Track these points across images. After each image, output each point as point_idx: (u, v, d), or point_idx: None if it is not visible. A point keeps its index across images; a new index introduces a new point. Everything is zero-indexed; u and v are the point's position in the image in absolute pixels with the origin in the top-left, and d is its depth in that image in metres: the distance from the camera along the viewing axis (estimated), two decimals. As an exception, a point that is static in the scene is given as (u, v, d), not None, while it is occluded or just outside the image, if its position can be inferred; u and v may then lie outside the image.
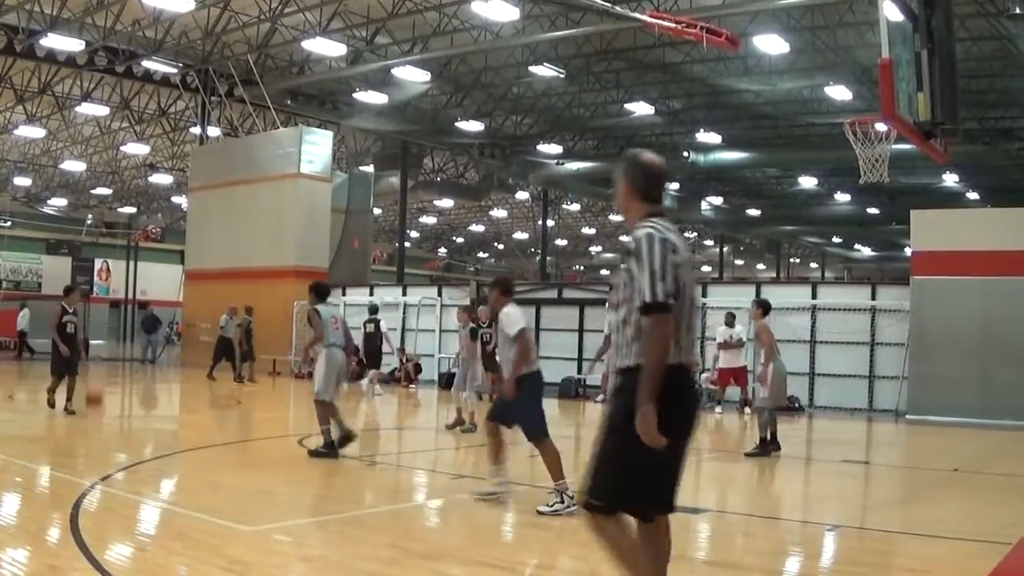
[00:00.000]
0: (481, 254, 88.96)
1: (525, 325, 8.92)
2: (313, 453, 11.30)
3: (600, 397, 22.58)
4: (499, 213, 65.51)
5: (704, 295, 23.71)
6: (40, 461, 10.50)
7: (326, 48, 28.41)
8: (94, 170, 52.36)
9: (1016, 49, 25.54)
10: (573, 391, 23.78)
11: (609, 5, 21.38)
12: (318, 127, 34.41)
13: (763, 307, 13.91)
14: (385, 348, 22.80)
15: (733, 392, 20.86)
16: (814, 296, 22.49)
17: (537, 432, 8.66)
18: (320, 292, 12.42)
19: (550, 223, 58.11)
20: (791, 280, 56.74)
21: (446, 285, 31.60)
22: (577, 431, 15.73)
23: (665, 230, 4.38)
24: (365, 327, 22.63)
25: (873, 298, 21.77)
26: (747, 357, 19.93)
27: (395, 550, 7.03)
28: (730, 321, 20.25)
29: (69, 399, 15.36)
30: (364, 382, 22.70)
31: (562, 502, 8.19)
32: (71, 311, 15.58)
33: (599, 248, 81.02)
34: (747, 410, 19.19)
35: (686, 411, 4.39)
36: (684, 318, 4.33)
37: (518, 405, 8.72)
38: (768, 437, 12.89)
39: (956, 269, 19.33)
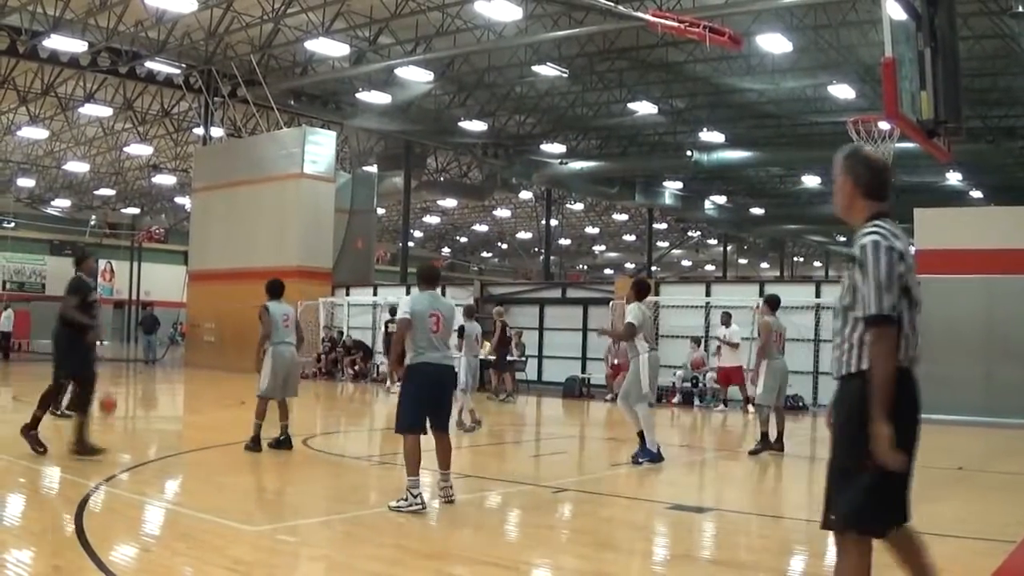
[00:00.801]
0: (485, 254, 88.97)
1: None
2: (246, 447, 11.55)
3: (609, 396, 22.60)
4: (503, 213, 65.52)
5: (707, 294, 23.73)
6: (44, 462, 10.50)
7: (329, 48, 28.42)
8: (97, 171, 52.41)
9: (1019, 47, 25.50)
10: (577, 390, 23.78)
11: (612, 4, 21.38)
12: (321, 127, 34.41)
13: (769, 303, 13.71)
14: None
15: (733, 391, 20.88)
16: (818, 295, 22.50)
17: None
18: (272, 290, 12.43)
19: (553, 223, 58.09)
20: (795, 279, 56.75)
21: (450, 285, 31.61)
22: (581, 430, 15.72)
23: (891, 236, 4.29)
24: (387, 327, 24.24)
25: (877, 297, 21.72)
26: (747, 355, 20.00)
27: (399, 550, 7.04)
28: (726, 321, 20.37)
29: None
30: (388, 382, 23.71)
31: (405, 499, 8.18)
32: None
33: (603, 247, 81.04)
34: (750, 408, 19.18)
35: (913, 416, 4.25)
36: (908, 322, 4.24)
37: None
38: (769, 433, 12.87)
39: (960, 268, 19.32)
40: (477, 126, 38.04)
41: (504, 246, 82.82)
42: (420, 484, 8.26)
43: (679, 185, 50.61)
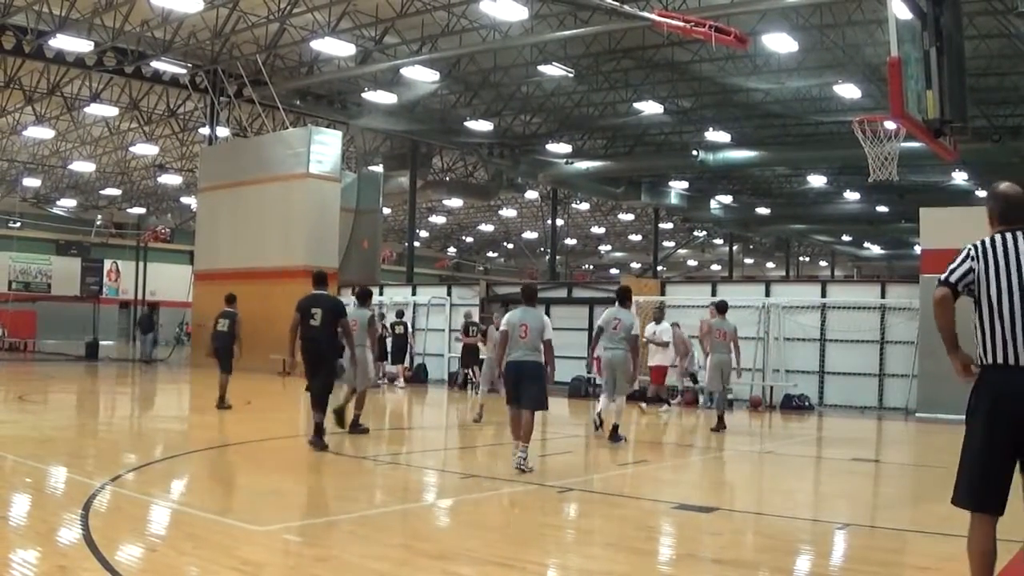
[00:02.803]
0: (490, 253, 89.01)
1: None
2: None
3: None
4: (508, 212, 65.54)
5: (713, 294, 23.70)
6: (50, 462, 10.52)
7: (335, 48, 28.42)
8: (103, 171, 52.48)
9: (1025, 46, 25.48)
10: (583, 390, 23.76)
11: (618, 4, 21.37)
12: (327, 127, 34.41)
13: (718, 307, 16.01)
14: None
15: (740, 391, 20.84)
16: (824, 294, 22.47)
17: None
18: (361, 297, 14.23)
19: (559, 222, 58.08)
20: (800, 278, 56.70)
21: (455, 285, 31.62)
22: (587, 430, 15.71)
23: (985, 243, 5.06)
24: (394, 328, 25.59)
25: (883, 296, 21.75)
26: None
27: (406, 550, 7.04)
28: (658, 316, 20.47)
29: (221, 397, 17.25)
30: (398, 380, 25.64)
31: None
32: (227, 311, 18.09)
33: (608, 247, 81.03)
34: (643, 406, 18.98)
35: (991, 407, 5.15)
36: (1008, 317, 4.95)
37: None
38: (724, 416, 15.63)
39: (966, 267, 19.24)
40: (483, 126, 38.05)
41: (510, 246, 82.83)
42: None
43: (685, 185, 50.61)
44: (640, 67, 32.21)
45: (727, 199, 54.10)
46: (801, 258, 78.98)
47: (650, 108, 34.78)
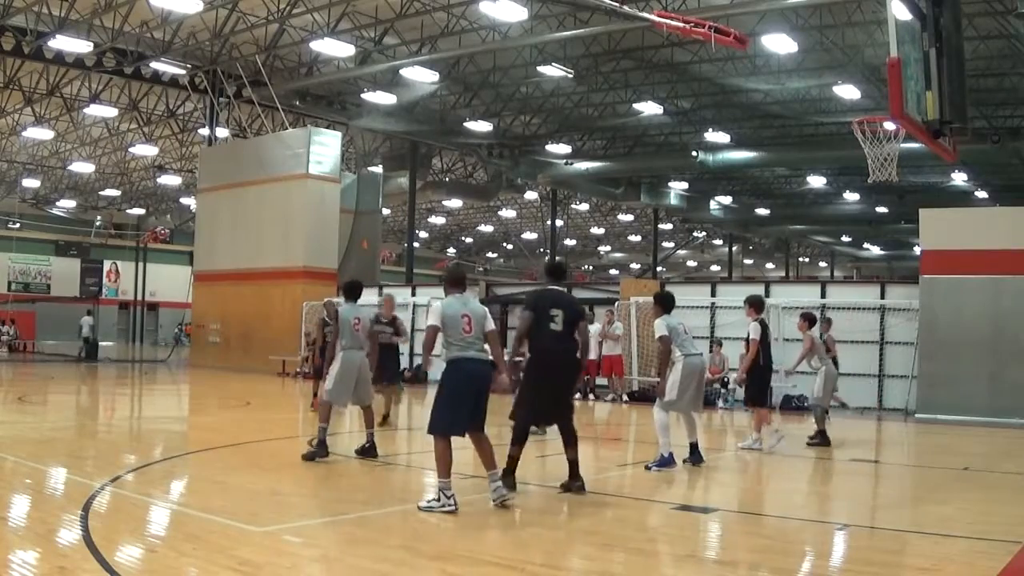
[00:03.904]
0: (490, 254, 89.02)
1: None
2: (304, 456, 11.20)
3: (610, 396, 22.59)
4: (508, 213, 65.56)
5: (713, 294, 23.71)
6: (50, 463, 10.52)
7: (334, 49, 28.44)
8: (103, 172, 52.50)
9: (1025, 47, 25.51)
10: (583, 391, 23.73)
11: (617, 5, 21.38)
12: (326, 128, 34.45)
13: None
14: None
15: (740, 391, 20.82)
16: (823, 295, 22.46)
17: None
18: (349, 291, 12.33)
19: (559, 223, 58.10)
20: (800, 279, 56.80)
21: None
22: (586, 431, 15.69)
23: None
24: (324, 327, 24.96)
25: (882, 297, 21.75)
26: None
27: (405, 551, 7.04)
28: (610, 319, 22.76)
29: (386, 411, 15.33)
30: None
31: (437, 499, 8.29)
32: (384, 320, 15.14)
33: (608, 248, 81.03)
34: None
35: None
36: None
37: None
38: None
39: (965, 268, 19.28)
40: (482, 126, 38.06)
41: (509, 246, 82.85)
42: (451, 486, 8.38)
43: (684, 185, 50.64)
44: (640, 68, 32.22)
45: (727, 200, 54.12)
46: (801, 259, 79.00)
47: (650, 109, 34.78)
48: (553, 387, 9.40)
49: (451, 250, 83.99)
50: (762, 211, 56.29)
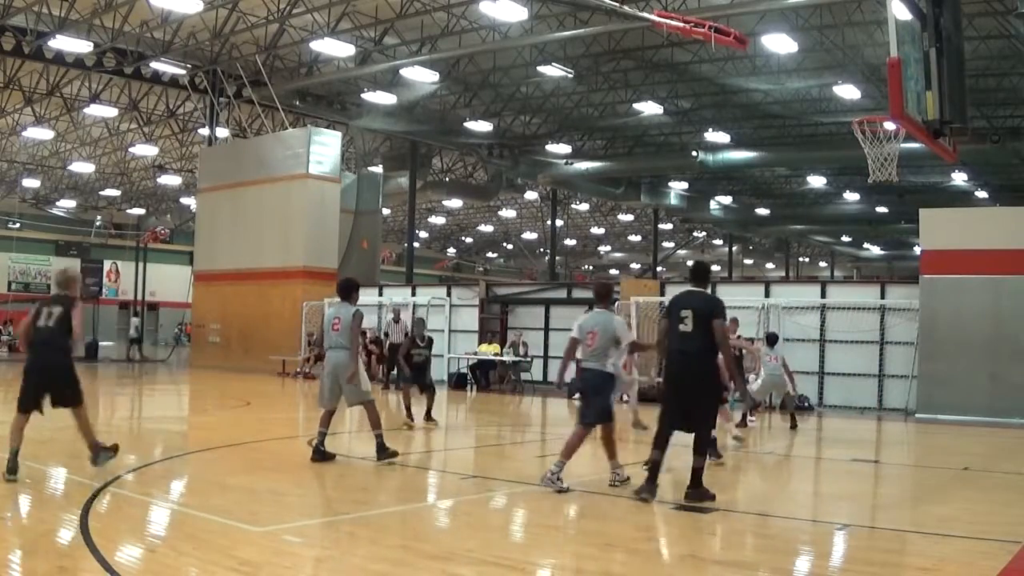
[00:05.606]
0: (490, 254, 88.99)
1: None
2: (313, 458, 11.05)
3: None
4: (508, 213, 65.54)
5: (713, 294, 23.70)
6: (50, 463, 10.52)
7: (334, 49, 28.43)
8: (103, 171, 52.50)
9: (1025, 47, 25.50)
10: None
11: (617, 5, 21.38)
12: (327, 128, 34.45)
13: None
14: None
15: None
16: (823, 295, 22.47)
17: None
18: (341, 289, 12.12)
19: (559, 223, 58.09)
20: (800, 279, 56.71)
21: (455, 285, 31.63)
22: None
23: None
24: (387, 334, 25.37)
25: (882, 297, 21.76)
26: None
27: (405, 551, 7.04)
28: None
29: (428, 410, 16.32)
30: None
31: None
32: (422, 344, 16.13)
33: (608, 248, 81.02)
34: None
35: None
36: None
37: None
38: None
39: (965, 268, 19.29)
40: (482, 126, 38.05)
41: (509, 246, 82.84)
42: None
43: (684, 185, 50.64)
44: (640, 68, 32.21)
45: (727, 200, 54.13)
46: (801, 259, 78.99)
47: (650, 109, 34.78)
48: (676, 388, 9.16)
49: (451, 250, 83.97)
50: (762, 211, 56.30)
